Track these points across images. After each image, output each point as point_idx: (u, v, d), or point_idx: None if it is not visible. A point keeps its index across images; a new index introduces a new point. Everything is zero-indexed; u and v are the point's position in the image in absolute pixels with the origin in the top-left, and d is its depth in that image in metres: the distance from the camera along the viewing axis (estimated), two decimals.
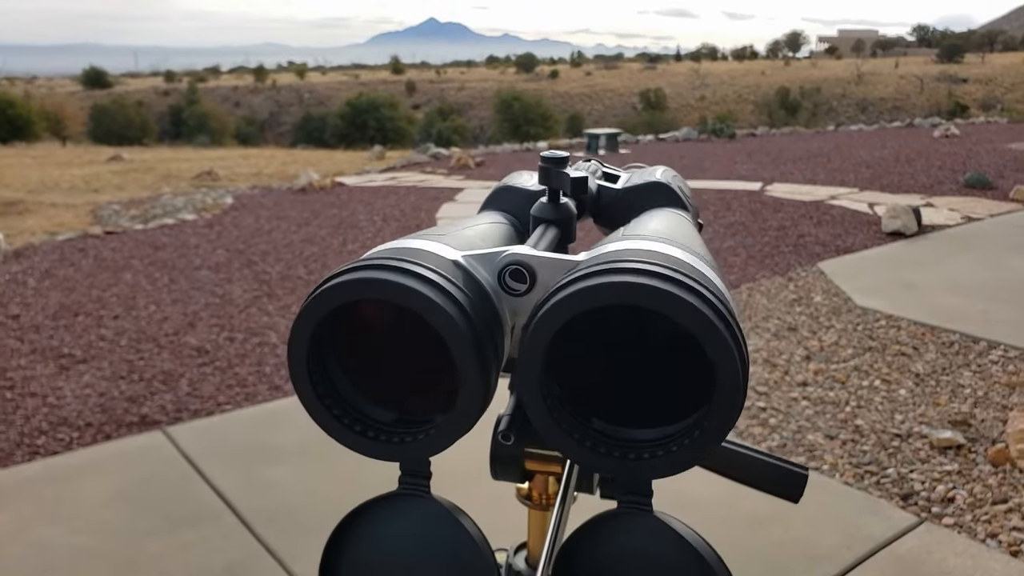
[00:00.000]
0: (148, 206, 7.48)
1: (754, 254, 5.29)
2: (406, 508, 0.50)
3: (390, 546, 0.50)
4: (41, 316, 4.18)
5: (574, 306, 0.41)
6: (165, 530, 2.26)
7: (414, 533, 0.50)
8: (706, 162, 10.04)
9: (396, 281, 0.43)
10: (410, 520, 0.50)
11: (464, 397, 0.44)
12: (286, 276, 4.90)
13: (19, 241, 5.85)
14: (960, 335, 3.70)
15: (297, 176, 8.97)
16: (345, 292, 0.44)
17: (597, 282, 0.41)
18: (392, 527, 0.50)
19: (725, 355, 0.40)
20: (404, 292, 0.43)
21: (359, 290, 0.44)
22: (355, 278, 0.44)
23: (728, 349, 0.40)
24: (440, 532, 0.49)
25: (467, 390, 0.44)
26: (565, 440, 0.44)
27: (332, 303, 0.44)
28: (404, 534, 0.50)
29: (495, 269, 0.49)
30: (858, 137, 12.93)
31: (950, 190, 7.56)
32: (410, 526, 0.50)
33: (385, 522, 0.50)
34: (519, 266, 0.49)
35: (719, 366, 0.40)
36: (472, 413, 0.45)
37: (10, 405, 3.10)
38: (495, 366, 0.46)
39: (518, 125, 26.47)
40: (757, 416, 2.95)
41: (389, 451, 0.47)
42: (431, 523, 0.49)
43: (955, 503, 2.37)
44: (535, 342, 0.42)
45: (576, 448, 0.44)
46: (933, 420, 2.89)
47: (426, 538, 0.49)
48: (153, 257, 5.39)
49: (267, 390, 3.24)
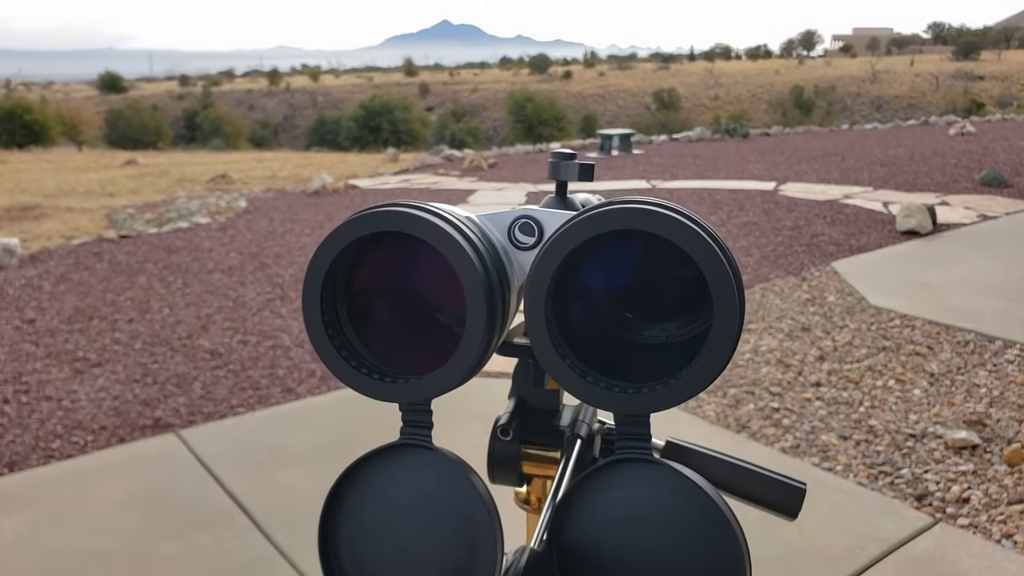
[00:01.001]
0: (162, 210, 7.53)
1: (767, 254, 5.26)
2: (408, 459, 0.49)
3: (391, 497, 0.49)
4: (56, 320, 4.21)
5: (579, 233, 0.43)
6: (178, 533, 2.27)
7: (415, 484, 0.49)
8: (719, 162, 10.00)
9: (418, 215, 0.46)
10: (411, 471, 0.49)
11: (468, 338, 0.45)
12: (299, 279, 4.91)
13: (35, 245, 5.91)
14: (975, 334, 3.67)
15: (311, 179, 9.01)
16: (371, 223, 0.46)
17: (601, 211, 0.43)
18: (393, 478, 0.50)
19: (720, 276, 0.42)
20: (424, 226, 0.45)
21: (384, 222, 0.46)
22: (381, 211, 0.46)
23: (724, 269, 0.42)
24: (442, 483, 0.49)
25: (472, 331, 0.45)
26: (568, 375, 0.45)
27: (357, 232, 0.46)
28: (405, 485, 0.49)
29: (505, 224, 0.53)
30: (873, 136, 12.84)
31: (966, 188, 7.50)
32: (411, 477, 0.49)
33: (386, 473, 0.50)
34: (528, 219, 0.52)
35: (715, 287, 0.42)
36: (472, 357, 0.46)
37: (25, 409, 3.13)
38: (500, 319, 0.48)
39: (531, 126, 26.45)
40: (770, 417, 2.93)
41: (387, 391, 0.48)
42: (432, 474, 0.49)
43: (970, 503, 2.35)
44: (544, 267, 0.44)
45: (579, 383, 0.45)
46: (948, 420, 2.87)
47: (427, 489, 0.49)
48: (167, 261, 5.42)
49: (280, 393, 3.25)
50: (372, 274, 0.51)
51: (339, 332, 0.49)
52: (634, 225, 0.43)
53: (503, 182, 8.93)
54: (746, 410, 3.00)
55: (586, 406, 0.64)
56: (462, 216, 0.50)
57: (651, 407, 0.45)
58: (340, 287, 0.50)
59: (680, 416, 2.96)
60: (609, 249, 0.47)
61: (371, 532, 0.50)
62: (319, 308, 0.48)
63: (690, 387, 0.44)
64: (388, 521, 0.49)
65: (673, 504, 0.45)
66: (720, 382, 3.23)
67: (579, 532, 0.47)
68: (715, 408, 3.02)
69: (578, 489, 0.47)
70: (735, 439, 2.79)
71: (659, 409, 0.44)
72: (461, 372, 0.46)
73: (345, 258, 0.48)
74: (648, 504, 0.46)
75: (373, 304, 0.51)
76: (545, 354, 0.45)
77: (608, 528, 0.46)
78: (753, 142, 12.50)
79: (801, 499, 0.58)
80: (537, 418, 0.61)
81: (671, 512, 0.45)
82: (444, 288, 0.49)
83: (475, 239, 0.48)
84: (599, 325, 0.48)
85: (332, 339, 0.48)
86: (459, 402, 1.37)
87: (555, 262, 0.44)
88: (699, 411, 3.01)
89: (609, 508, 0.46)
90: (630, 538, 0.46)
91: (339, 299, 0.50)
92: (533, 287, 0.45)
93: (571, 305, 0.47)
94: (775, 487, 0.58)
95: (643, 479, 0.46)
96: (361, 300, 0.51)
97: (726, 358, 0.43)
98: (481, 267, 0.46)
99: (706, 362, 0.43)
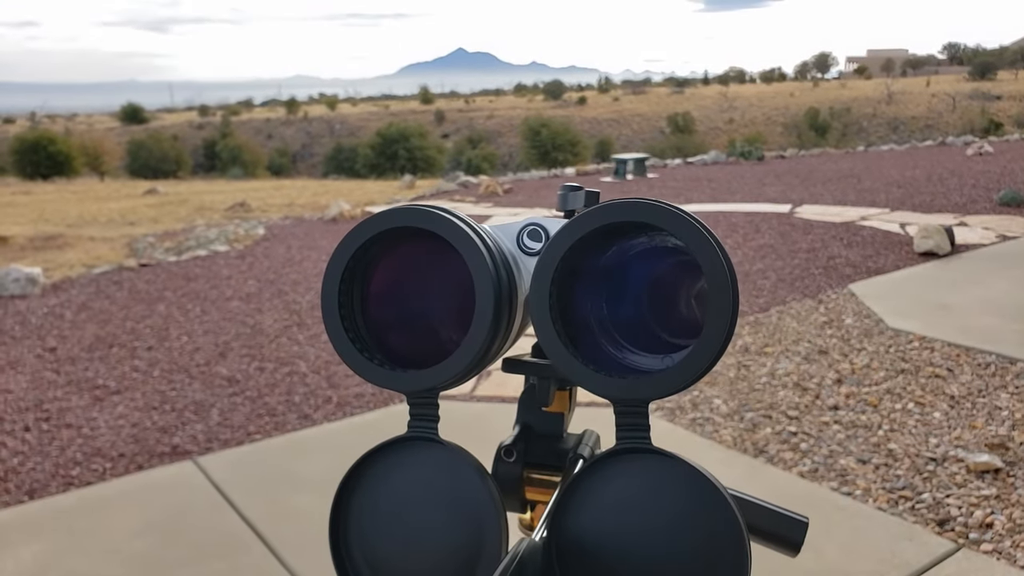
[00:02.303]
0: (182, 238, 7.61)
1: (784, 277, 5.24)
2: (415, 451, 0.51)
3: (399, 490, 0.51)
4: (77, 348, 4.26)
5: (581, 227, 0.46)
6: (195, 560, 2.27)
7: (422, 476, 0.50)
8: (735, 185, 10.00)
9: (435, 212, 0.49)
10: (418, 464, 0.51)
11: (474, 331, 0.48)
12: (316, 306, 4.94)
13: (58, 274, 5.98)
14: (996, 356, 3.63)
15: (328, 206, 9.09)
16: (391, 218, 0.49)
17: (601, 205, 0.46)
18: (401, 471, 0.51)
19: (713, 261, 0.44)
20: (439, 221, 0.49)
21: (403, 217, 0.49)
22: (400, 208, 0.50)
23: (716, 255, 0.44)
24: (448, 475, 0.50)
25: (479, 324, 0.48)
26: (572, 363, 0.46)
27: (378, 227, 0.50)
28: (412, 478, 0.51)
29: (514, 233, 0.57)
30: (889, 157, 12.80)
31: (984, 209, 7.45)
32: (418, 469, 0.51)
33: (394, 466, 0.51)
34: (536, 226, 0.57)
35: (709, 272, 0.44)
36: (476, 350, 0.48)
37: (46, 436, 3.15)
38: (506, 318, 0.50)
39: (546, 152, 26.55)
40: (788, 441, 2.91)
41: (393, 380, 0.50)
42: (439, 466, 0.50)
43: (993, 528, 2.32)
44: (550, 255, 0.47)
45: (581, 370, 0.46)
46: (969, 443, 2.83)
47: (434, 481, 0.50)
48: (186, 288, 5.47)
49: (296, 419, 3.27)
50: (388, 269, 0.54)
51: (353, 322, 0.52)
52: (631, 217, 0.45)
53: (518, 207, 8.97)
54: (763, 434, 2.98)
55: (589, 432, 0.65)
56: (475, 222, 0.52)
57: (649, 393, 0.46)
58: (358, 279, 0.52)
59: (696, 441, 2.95)
60: (612, 247, 0.49)
61: (380, 524, 0.51)
62: (336, 296, 0.51)
63: (687, 373, 0.45)
64: (396, 513, 0.51)
65: (674, 492, 0.45)
66: (736, 405, 3.22)
67: (579, 523, 0.47)
68: (732, 432, 3.00)
69: (578, 480, 0.48)
70: (752, 464, 2.77)
71: (658, 395, 0.45)
72: (464, 364, 0.48)
73: (365, 252, 0.51)
74: (648, 493, 0.46)
75: (387, 299, 0.54)
76: (549, 341, 0.47)
77: (608, 518, 0.47)
78: (768, 164, 12.49)
79: (803, 533, 0.57)
80: (541, 443, 0.62)
81: (672, 500, 0.45)
82: (456, 285, 0.52)
83: (487, 238, 0.50)
84: (601, 320, 0.50)
85: (346, 327, 0.51)
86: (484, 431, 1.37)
87: (561, 250, 0.47)
88: (716, 435, 2.99)
89: (609, 498, 0.47)
90: (630, 527, 0.46)
91: (356, 290, 0.52)
92: (539, 275, 0.47)
93: (575, 299, 0.49)
94: (776, 520, 0.57)
95: (643, 468, 0.46)
96: (376, 294, 0.53)
97: (719, 341, 0.44)
98: (491, 262, 0.48)
99: (701, 349, 0.44)
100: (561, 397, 0.63)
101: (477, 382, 3.52)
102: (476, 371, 0.50)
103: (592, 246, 0.48)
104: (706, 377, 3.50)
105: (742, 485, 2.61)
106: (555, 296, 0.47)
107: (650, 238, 0.48)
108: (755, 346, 3.93)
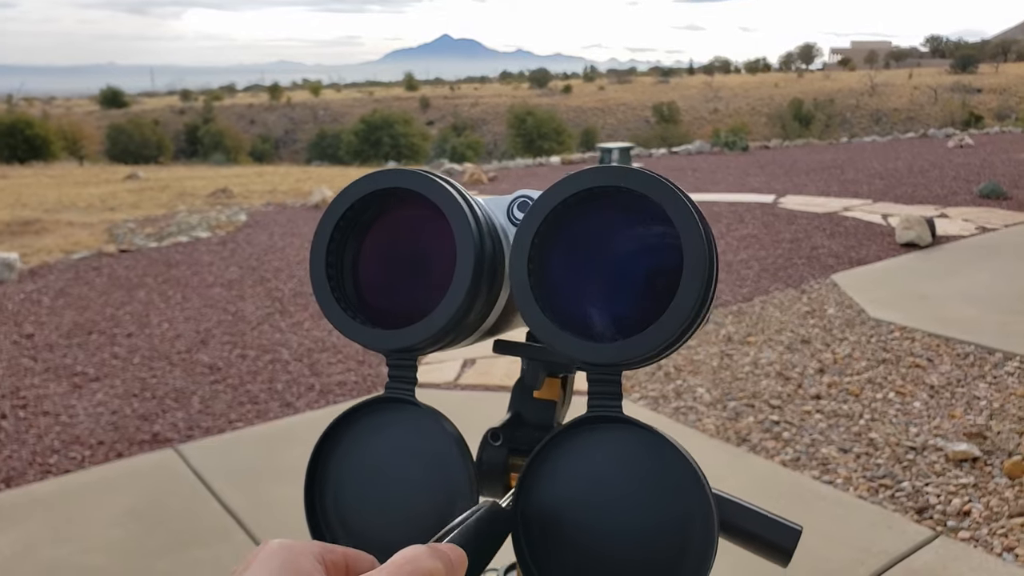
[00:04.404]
0: (163, 224, 7.54)
1: (767, 267, 5.26)
2: (390, 412, 0.51)
3: (373, 450, 0.51)
4: (55, 335, 4.21)
5: (558, 193, 0.46)
6: (175, 548, 2.26)
7: (397, 438, 0.51)
8: (719, 175, 10.02)
9: (423, 174, 0.50)
10: (392, 424, 0.51)
11: (453, 291, 0.48)
12: (299, 293, 4.91)
13: (35, 260, 5.91)
14: (975, 346, 3.66)
15: (311, 193, 9.03)
16: (381, 179, 0.51)
17: (577, 172, 0.46)
18: (375, 431, 0.51)
19: (689, 223, 0.43)
20: (426, 183, 0.50)
21: (392, 179, 0.50)
22: (391, 169, 0.51)
23: (691, 218, 0.43)
24: (421, 436, 0.50)
25: (458, 284, 0.48)
26: (547, 326, 0.46)
27: (368, 188, 0.51)
28: (387, 438, 0.51)
29: (504, 205, 0.57)
30: (871, 148, 12.87)
31: (964, 200, 7.51)
32: (392, 430, 0.51)
33: (370, 427, 0.51)
34: (526, 198, 0.57)
35: (684, 236, 0.43)
36: (453, 310, 0.48)
37: (23, 424, 3.12)
38: (486, 288, 0.50)
39: (531, 140, 26.53)
40: (770, 430, 2.92)
41: (371, 337, 0.50)
42: (413, 429, 0.50)
43: (971, 516, 2.34)
44: (530, 219, 0.47)
45: (556, 333, 0.46)
46: (948, 433, 2.86)
47: (407, 443, 0.50)
48: (167, 275, 5.42)
49: (278, 407, 3.25)
50: (380, 231, 0.54)
51: (340, 281, 0.53)
52: (608, 181, 0.45)
53: (502, 195, 8.95)
54: (746, 423, 2.99)
55: None
56: (465, 190, 0.53)
57: (617, 356, 0.45)
58: (351, 239, 0.53)
59: (680, 429, 2.96)
60: (593, 215, 0.49)
61: (354, 484, 0.51)
62: (324, 256, 0.52)
63: (655, 339, 0.44)
64: (370, 473, 0.51)
65: (643, 464, 0.45)
66: (720, 394, 3.23)
67: (546, 490, 0.47)
68: (715, 421, 3.01)
69: (547, 447, 0.47)
70: (735, 452, 2.78)
71: (625, 359, 0.45)
72: (439, 326, 0.48)
73: (358, 213, 0.52)
74: (616, 463, 0.46)
75: (376, 260, 0.54)
76: (525, 304, 0.47)
77: (575, 487, 0.46)
78: (752, 155, 12.53)
79: (795, 541, 0.56)
80: (529, 430, 0.62)
81: (641, 473, 0.45)
82: (442, 251, 0.51)
83: (474, 205, 0.51)
84: (579, 287, 0.49)
85: (332, 285, 0.52)
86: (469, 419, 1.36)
87: (540, 216, 0.47)
88: (699, 424, 3.00)
89: (576, 467, 0.46)
90: (597, 497, 0.45)
91: (348, 250, 0.53)
92: (519, 240, 0.47)
93: (555, 266, 0.49)
94: (769, 526, 0.56)
95: (612, 438, 0.46)
96: (366, 255, 0.54)
97: (690, 311, 0.43)
98: (475, 226, 0.49)
99: (672, 316, 0.44)
100: (552, 384, 0.63)
101: (461, 370, 3.51)
102: (455, 336, 0.50)
103: (573, 213, 0.48)
104: (689, 366, 3.51)
105: (725, 473, 2.62)
106: (536, 261, 0.47)
107: (630, 207, 0.47)
108: (738, 335, 3.94)
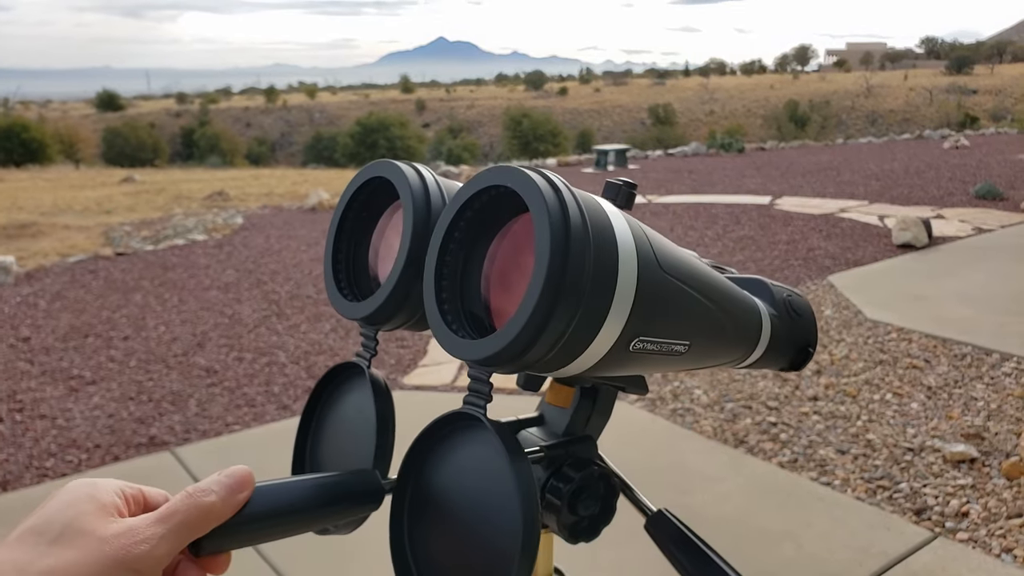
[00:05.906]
0: (159, 227, 7.52)
1: (763, 268, 5.26)
2: (350, 379, 0.62)
3: (337, 410, 0.62)
4: (51, 338, 4.20)
5: (462, 194, 0.49)
6: None
7: (353, 400, 0.61)
8: (715, 176, 10.03)
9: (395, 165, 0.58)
10: (352, 390, 0.61)
11: (393, 271, 0.54)
12: (295, 295, 4.91)
13: (32, 263, 5.90)
14: (972, 347, 3.67)
15: (307, 195, 9.02)
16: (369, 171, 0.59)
17: (475, 175, 0.49)
18: (340, 395, 0.62)
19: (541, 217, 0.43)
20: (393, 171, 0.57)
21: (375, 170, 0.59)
22: (379, 161, 0.60)
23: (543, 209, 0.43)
24: (364, 400, 0.59)
25: (397, 264, 0.54)
26: (435, 316, 0.49)
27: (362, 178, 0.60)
28: (346, 401, 0.61)
29: None
30: (867, 150, 12.89)
31: (960, 201, 7.53)
32: (350, 395, 0.61)
33: (336, 391, 0.63)
34: None
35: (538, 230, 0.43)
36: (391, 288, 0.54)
37: (19, 427, 3.11)
38: None
39: (527, 142, 26.53)
40: (768, 431, 2.92)
41: (344, 307, 0.59)
42: (362, 393, 0.60)
43: (969, 517, 2.34)
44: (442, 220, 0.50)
45: (445, 332, 0.48)
46: (946, 434, 2.86)
47: (357, 405, 0.60)
48: (163, 278, 5.41)
49: (275, 410, 3.24)
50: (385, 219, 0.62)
51: (344, 262, 0.61)
52: (491, 181, 0.47)
53: None
54: (743, 424, 2.99)
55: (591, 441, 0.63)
56: (440, 180, 0.58)
57: (476, 354, 0.45)
58: (360, 225, 0.62)
59: (677, 431, 2.95)
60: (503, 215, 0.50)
61: (322, 436, 0.63)
62: (334, 242, 0.61)
63: (499, 341, 0.44)
64: (332, 428, 0.62)
65: (486, 460, 0.48)
66: (717, 396, 3.23)
67: (417, 476, 0.52)
68: (712, 423, 3.01)
69: (420, 437, 0.52)
70: (733, 454, 2.78)
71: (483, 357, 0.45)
72: (381, 300, 0.55)
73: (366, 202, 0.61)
74: (468, 459, 0.50)
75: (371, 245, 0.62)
76: (428, 295, 0.49)
77: (441, 475, 0.51)
78: (748, 156, 12.54)
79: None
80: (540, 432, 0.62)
81: (479, 471, 0.49)
82: None
83: (440, 191, 0.56)
84: (476, 285, 0.51)
85: (335, 262, 0.61)
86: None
87: (450, 214, 0.49)
88: (696, 426, 3.00)
89: (444, 454, 0.51)
90: (452, 487, 0.50)
91: (357, 235, 0.62)
92: (434, 234, 0.50)
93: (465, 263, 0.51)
94: None
95: (471, 438, 0.50)
96: (370, 240, 0.62)
97: (534, 304, 0.42)
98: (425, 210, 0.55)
99: (518, 315, 0.43)
100: (559, 391, 0.62)
101: (458, 372, 3.51)
102: (406, 316, 0.56)
103: (485, 213, 0.50)
104: None
105: (723, 475, 2.62)
106: (451, 253, 0.50)
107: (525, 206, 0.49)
108: None
